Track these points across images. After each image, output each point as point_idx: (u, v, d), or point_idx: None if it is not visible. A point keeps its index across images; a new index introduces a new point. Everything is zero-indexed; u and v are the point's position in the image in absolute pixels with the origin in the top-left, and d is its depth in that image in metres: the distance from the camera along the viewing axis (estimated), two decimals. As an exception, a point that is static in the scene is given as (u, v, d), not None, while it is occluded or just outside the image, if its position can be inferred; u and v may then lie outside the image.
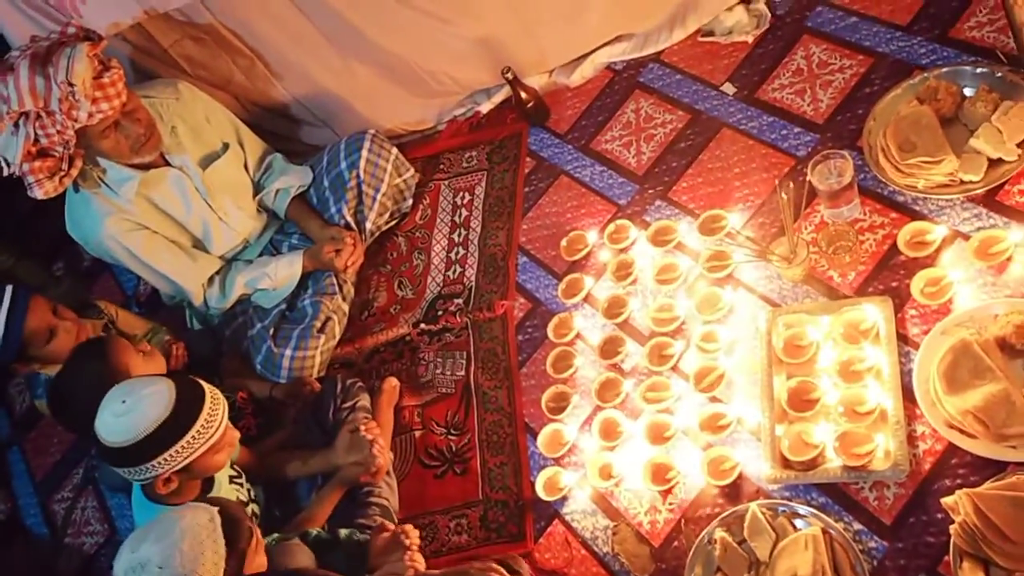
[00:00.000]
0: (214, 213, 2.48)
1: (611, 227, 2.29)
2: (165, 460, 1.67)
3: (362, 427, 2.04)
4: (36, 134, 2.07)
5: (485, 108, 2.79)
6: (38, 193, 2.14)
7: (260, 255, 2.63)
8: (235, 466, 2.00)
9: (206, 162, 2.44)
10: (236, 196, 2.53)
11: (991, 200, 1.84)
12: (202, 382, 1.76)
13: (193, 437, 1.67)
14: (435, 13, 2.46)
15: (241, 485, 1.96)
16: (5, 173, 2.13)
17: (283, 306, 2.54)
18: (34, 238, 3.42)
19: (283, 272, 2.51)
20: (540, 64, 2.64)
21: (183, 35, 2.55)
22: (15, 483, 3.06)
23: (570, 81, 2.65)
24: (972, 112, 1.90)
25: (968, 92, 1.95)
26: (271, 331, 2.46)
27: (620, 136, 2.48)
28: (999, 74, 1.91)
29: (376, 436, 2.04)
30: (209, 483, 1.86)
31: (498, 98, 2.76)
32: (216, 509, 1.51)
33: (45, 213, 3.31)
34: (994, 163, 1.83)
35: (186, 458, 1.69)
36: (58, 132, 2.07)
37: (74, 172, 2.20)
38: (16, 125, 2.07)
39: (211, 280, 2.53)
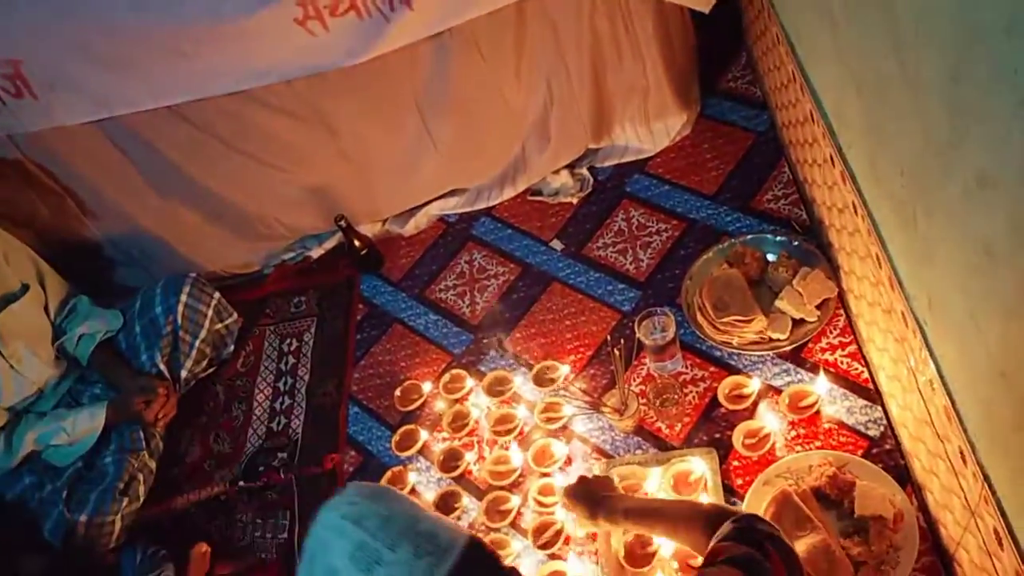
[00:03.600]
0: (5, 360, 2.22)
1: (446, 376, 2.27)
2: None
3: None
4: None
5: (316, 253, 2.75)
6: None
7: (56, 406, 2.36)
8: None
9: (1, 304, 2.21)
10: (32, 341, 2.29)
11: (797, 356, 2.00)
12: None
13: None
14: (268, 161, 2.44)
15: None
16: None
17: (80, 465, 2.27)
18: None
19: (83, 425, 2.26)
20: (374, 213, 2.66)
21: (-17, 169, 2.36)
22: None
23: (404, 230, 2.68)
24: (775, 276, 2.09)
25: (771, 257, 2.14)
26: (64, 493, 2.18)
27: (454, 286, 2.51)
28: (796, 243, 2.12)
29: None
30: None
31: (329, 244, 2.73)
32: None
33: None
34: (798, 323, 2.01)
35: None
36: None
37: None
38: None
39: (-6, 436, 2.23)
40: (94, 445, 2.28)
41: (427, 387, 2.29)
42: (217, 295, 2.50)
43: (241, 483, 2.28)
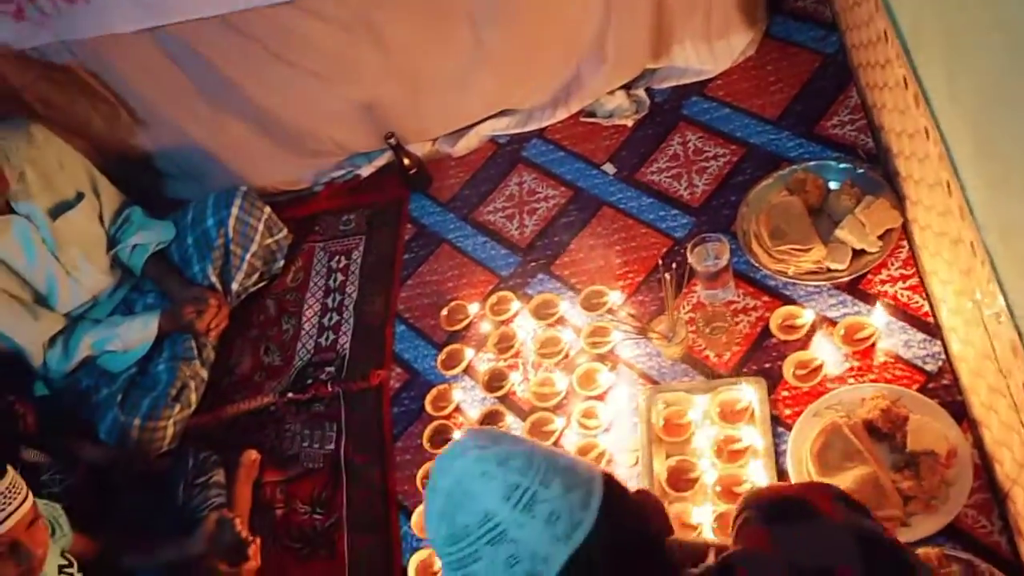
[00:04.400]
0: (61, 267, 2.27)
1: (493, 298, 2.26)
2: None
3: (234, 523, 1.87)
4: None
5: (365, 172, 2.73)
6: None
7: (111, 314, 2.42)
8: (66, 554, 1.78)
9: (57, 212, 2.25)
10: (87, 249, 2.33)
11: (855, 288, 1.93)
12: (10, 471, 1.57)
13: None
14: (318, 73, 2.40)
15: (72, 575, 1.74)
16: None
17: (134, 370, 2.33)
18: None
19: (136, 333, 2.31)
20: (423, 132, 2.62)
21: (39, 75, 2.37)
22: None
23: (454, 151, 2.64)
24: (837, 204, 2.01)
25: (833, 185, 2.06)
26: (119, 397, 2.24)
27: (503, 208, 2.48)
28: (860, 170, 2.04)
29: (252, 537, 1.88)
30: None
31: (379, 162, 2.71)
32: None
33: None
34: (858, 253, 1.94)
35: None
36: None
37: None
38: None
39: (53, 340, 2.29)
40: (148, 352, 2.34)
41: (474, 308, 2.28)
42: (268, 209, 2.51)
43: (290, 395, 2.32)
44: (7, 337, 2.23)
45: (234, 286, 2.45)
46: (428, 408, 2.14)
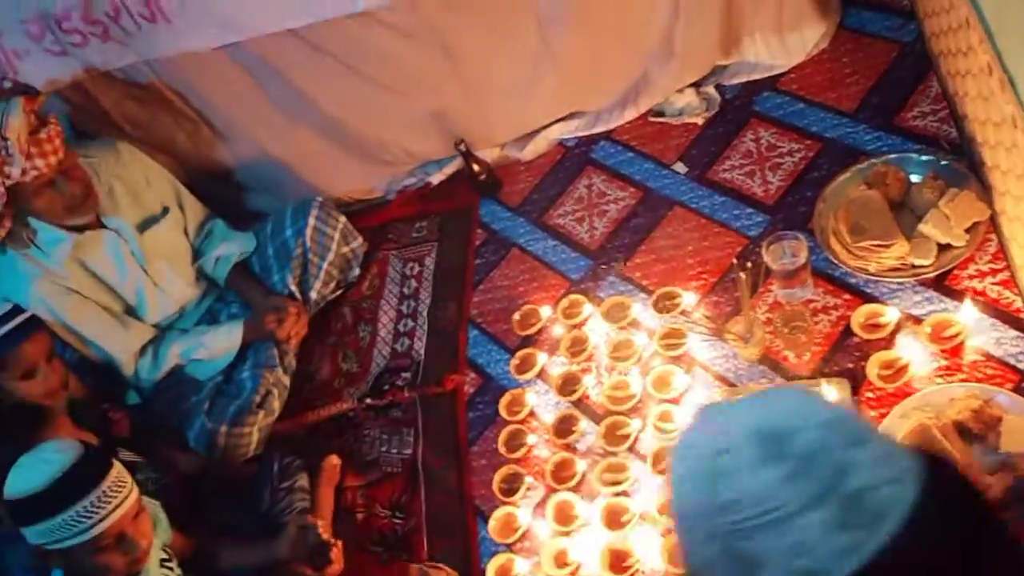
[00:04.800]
0: (149, 279, 2.36)
1: (564, 302, 2.26)
2: (51, 531, 1.53)
3: (318, 528, 1.92)
4: (-35, 190, 1.95)
5: (436, 179, 2.76)
6: None
7: (197, 324, 2.51)
8: (167, 549, 1.85)
9: (144, 226, 2.34)
10: (174, 262, 2.42)
11: (941, 284, 1.87)
12: (116, 464, 1.64)
13: (81, 513, 1.53)
14: (389, 85, 2.44)
15: (172, 569, 1.81)
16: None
17: (219, 379, 2.41)
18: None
19: (221, 342, 2.39)
20: (492, 138, 2.64)
21: (125, 95, 2.47)
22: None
23: (522, 155, 2.65)
24: (920, 198, 1.95)
25: (914, 178, 2.00)
26: (206, 405, 2.32)
27: (573, 211, 2.48)
28: (944, 162, 1.96)
29: (335, 541, 1.92)
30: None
31: (449, 169, 2.74)
32: None
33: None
34: (943, 248, 1.87)
35: (74, 534, 1.54)
36: (-12, 189, 1.96)
37: (2, 232, 2.08)
38: (-55, 181, 1.95)
39: (143, 350, 2.38)
40: (232, 361, 2.42)
41: (545, 312, 2.28)
42: (343, 219, 2.56)
43: (368, 401, 2.36)
44: (100, 347, 2.34)
45: (312, 295, 2.51)
46: (502, 413, 2.15)
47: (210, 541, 1.98)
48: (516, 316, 2.31)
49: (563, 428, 2.06)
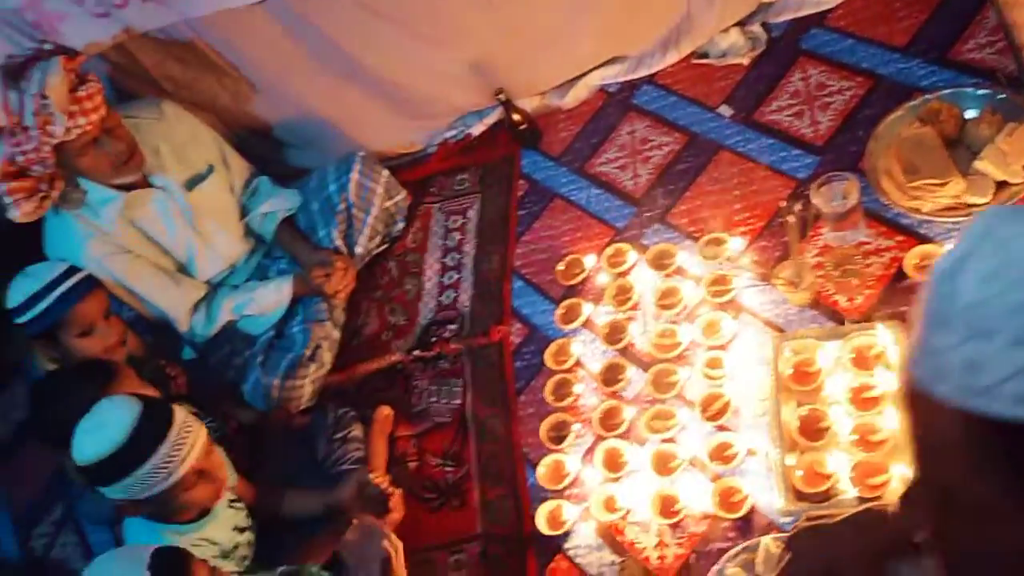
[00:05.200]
0: (199, 237, 2.40)
1: (609, 250, 2.25)
2: (132, 485, 1.60)
3: (376, 477, 1.97)
4: (12, 152, 1.99)
5: (476, 130, 2.74)
6: (16, 214, 2.06)
7: (247, 280, 2.55)
8: (233, 491, 1.92)
9: (191, 184, 2.37)
10: (222, 219, 2.46)
11: (998, 223, 1.81)
12: (176, 409, 1.70)
13: (159, 465, 1.60)
14: (429, 36, 2.42)
15: (239, 509, 1.89)
16: (-18, 194, 2.05)
17: (271, 333, 2.46)
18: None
19: (271, 298, 2.43)
20: (533, 86, 2.61)
21: (166, 55, 2.48)
22: (-7, 517, 2.94)
23: (563, 103, 2.62)
24: (975, 134, 1.89)
25: (970, 114, 1.93)
26: (260, 359, 2.37)
27: (616, 158, 2.45)
28: (1001, 96, 1.90)
29: (393, 490, 1.97)
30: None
31: (490, 120, 2.72)
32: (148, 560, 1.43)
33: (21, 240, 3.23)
34: (1000, 185, 1.82)
35: (156, 483, 1.61)
36: (34, 149, 1.99)
37: (55, 194, 2.13)
38: (-9, 144, 2.00)
39: (197, 306, 2.43)
40: (283, 315, 2.46)
41: (590, 261, 2.28)
42: (386, 173, 2.57)
43: (416, 353, 2.39)
44: (154, 305, 2.39)
45: (358, 249, 2.53)
46: (548, 362, 2.16)
47: (272, 489, 2.04)
48: (560, 266, 2.31)
49: (610, 376, 2.07)
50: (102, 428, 1.62)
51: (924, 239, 1.88)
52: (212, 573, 1.51)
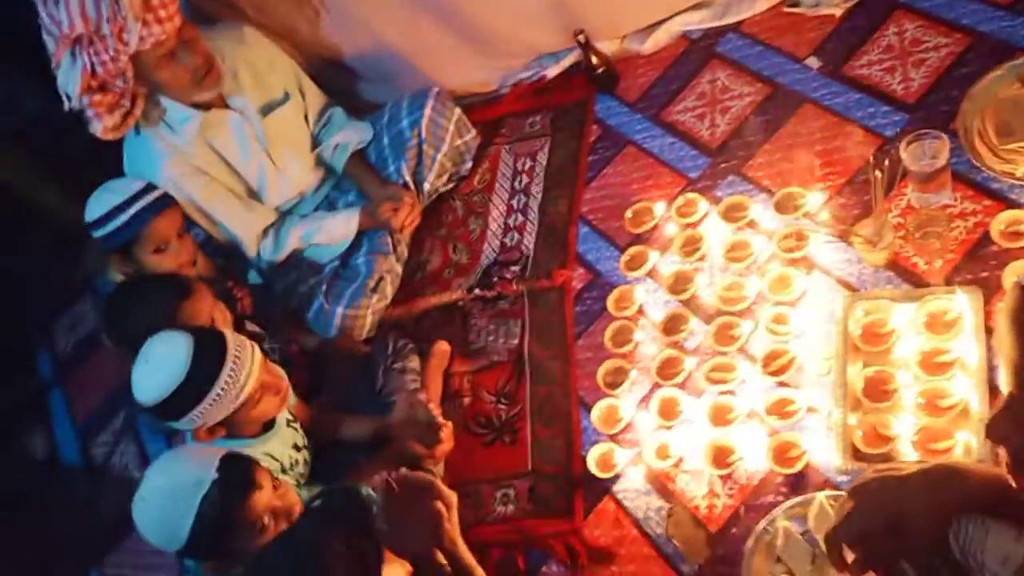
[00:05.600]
0: (272, 162, 2.44)
1: (680, 200, 2.20)
2: (200, 414, 1.67)
3: (430, 407, 1.99)
4: (92, 62, 2.03)
5: (552, 72, 2.71)
6: (98, 128, 2.12)
7: (315, 210, 2.58)
8: (291, 412, 1.97)
9: (267, 109, 2.40)
10: (295, 147, 2.49)
11: (1098, 191, 1.72)
12: (226, 333, 1.75)
13: (222, 390, 1.66)
14: (510, -31, 2.38)
15: (297, 429, 1.94)
16: (66, 107, 2.10)
17: (337, 263, 2.49)
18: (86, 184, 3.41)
19: (339, 228, 2.46)
20: (614, 28, 2.55)
21: (249, -22, 2.50)
22: (55, 425, 3.07)
23: (643, 48, 2.56)
24: (1081, 97, 1.79)
25: (1077, 77, 1.83)
26: (324, 287, 2.41)
27: (694, 107, 2.39)
28: (1114, 58, 1.78)
29: (444, 421, 1.99)
30: (271, 423, 1.85)
31: (566, 62, 2.67)
32: (212, 478, 1.48)
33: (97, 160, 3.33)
34: (1104, 152, 1.72)
35: (223, 408, 1.68)
36: (111, 59, 2.03)
37: (137, 111, 2.18)
38: (72, 55, 2.04)
39: (265, 231, 2.48)
40: (348, 246, 2.49)
41: (659, 210, 2.24)
42: (458, 111, 2.56)
43: (476, 291, 2.39)
44: (225, 227, 2.44)
45: (426, 186, 2.54)
46: (610, 308, 2.15)
47: (330, 413, 2.09)
48: (628, 213, 2.28)
49: (672, 326, 2.04)
50: (159, 368, 1.67)
51: (1014, 204, 1.79)
52: (274, 482, 1.56)
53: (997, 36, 2.01)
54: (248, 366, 1.69)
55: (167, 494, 1.49)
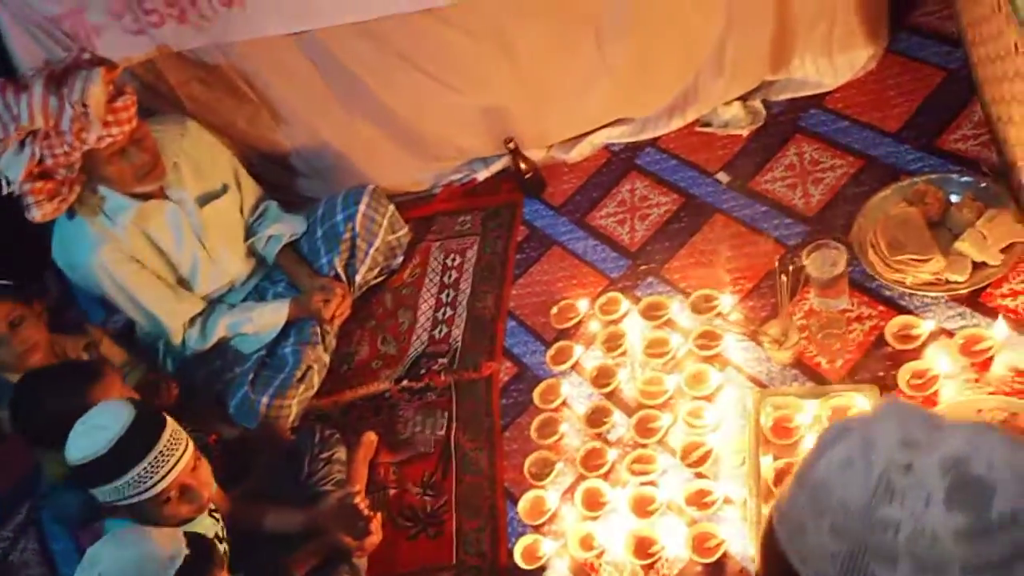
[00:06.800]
0: (205, 252, 2.46)
1: (603, 298, 2.32)
2: (117, 490, 1.63)
3: (358, 500, 2.00)
4: (42, 154, 2.06)
5: (482, 176, 2.85)
6: (36, 214, 2.12)
7: (245, 300, 2.60)
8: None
9: (204, 200, 2.44)
10: (228, 238, 2.52)
11: (975, 301, 1.92)
12: (168, 420, 1.73)
13: (143, 471, 1.63)
14: (448, 83, 2.53)
15: (218, 520, 1.90)
16: (4, 191, 2.10)
17: (262, 352, 2.50)
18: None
19: (268, 318, 2.48)
20: (542, 139, 2.72)
21: (192, 76, 2.58)
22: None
23: (568, 157, 2.73)
24: (958, 217, 2.00)
25: (954, 199, 2.05)
26: (250, 376, 2.41)
27: (615, 213, 2.55)
28: (984, 184, 2.02)
29: (373, 513, 2.00)
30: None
31: (496, 167, 2.82)
32: (185, 552, 1.46)
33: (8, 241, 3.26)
34: (978, 266, 1.92)
35: (141, 491, 1.64)
36: (64, 154, 2.06)
37: (72, 197, 2.19)
38: (22, 144, 2.06)
39: (192, 320, 2.47)
40: (275, 337, 2.50)
41: (583, 306, 2.35)
42: (392, 207, 2.65)
43: (404, 382, 2.43)
44: (152, 315, 2.42)
45: (357, 278, 2.60)
46: (536, 400, 2.22)
47: (254, 503, 2.06)
48: (554, 310, 2.38)
49: (595, 418, 2.12)
50: (94, 430, 1.65)
51: (905, 311, 1.97)
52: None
53: (885, 160, 2.25)
54: (177, 457, 1.67)
55: (136, 567, 1.44)
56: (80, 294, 3.19)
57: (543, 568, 1.95)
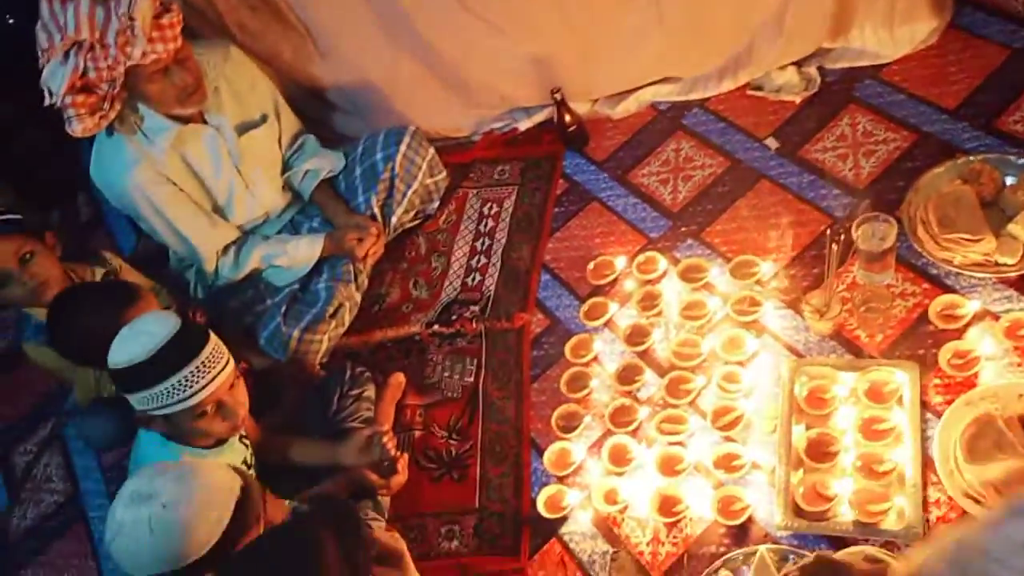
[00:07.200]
0: (242, 180, 2.44)
1: (641, 257, 2.30)
2: (155, 396, 1.65)
3: (386, 439, 2.01)
4: (86, 66, 2.02)
5: (523, 126, 2.81)
6: (76, 128, 2.09)
7: (279, 233, 2.59)
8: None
9: (243, 128, 2.41)
10: (266, 168, 2.50)
11: (1023, 284, 1.89)
12: (212, 335, 1.75)
13: (184, 379, 1.64)
14: (494, 22, 2.48)
15: (247, 446, 1.92)
16: (47, 103, 2.08)
17: (296, 286, 2.50)
18: (32, 186, 3.32)
19: (303, 252, 2.47)
20: (587, 91, 2.67)
21: (241, 2, 2.53)
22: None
23: (613, 113, 2.68)
24: (1012, 199, 1.97)
25: (1009, 180, 2.01)
26: (282, 308, 2.41)
27: (658, 172, 2.51)
28: (1042, 167, 1.98)
29: (399, 453, 2.01)
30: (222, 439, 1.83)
31: (538, 118, 2.78)
32: (240, 484, 1.47)
33: (45, 161, 3.25)
34: (1030, 250, 1.89)
35: (177, 400, 1.65)
36: (108, 67, 2.03)
37: (112, 113, 2.16)
38: (66, 55, 2.03)
39: (227, 248, 2.47)
40: (309, 271, 2.50)
41: (620, 264, 2.33)
42: (432, 150, 2.62)
43: (435, 327, 2.43)
44: (187, 239, 2.41)
45: (393, 219, 2.58)
46: (568, 354, 2.21)
47: (281, 435, 2.07)
48: (590, 265, 2.36)
49: (626, 376, 2.12)
50: (140, 335, 1.66)
51: (950, 290, 1.95)
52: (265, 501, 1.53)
53: (940, 137, 2.21)
54: (216, 372, 1.68)
55: (206, 495, 1.42)
56: (112, 219, 3.20)
57: (565, 518, 1.96)
